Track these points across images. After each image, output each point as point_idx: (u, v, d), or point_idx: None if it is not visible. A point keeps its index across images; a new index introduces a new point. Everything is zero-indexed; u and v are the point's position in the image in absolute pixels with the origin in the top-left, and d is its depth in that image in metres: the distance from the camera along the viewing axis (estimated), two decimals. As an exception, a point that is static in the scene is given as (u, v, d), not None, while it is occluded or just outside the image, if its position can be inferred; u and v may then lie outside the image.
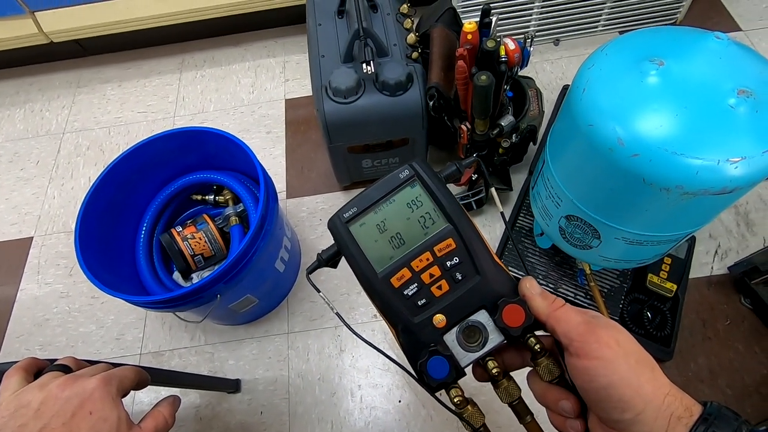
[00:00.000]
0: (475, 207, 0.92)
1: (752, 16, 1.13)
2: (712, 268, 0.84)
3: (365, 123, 0.79)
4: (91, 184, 0.73)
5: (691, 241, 0.82)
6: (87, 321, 0.92)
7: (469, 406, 0.31)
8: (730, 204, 0.52)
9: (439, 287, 0.31)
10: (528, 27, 1.11)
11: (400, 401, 0.79)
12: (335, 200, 1.01)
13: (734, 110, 0.44)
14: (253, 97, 1.18)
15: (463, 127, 0.79)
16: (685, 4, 1.09)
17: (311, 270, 0.35)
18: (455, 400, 0.30)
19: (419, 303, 0.31)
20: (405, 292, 0.31)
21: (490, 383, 0.31)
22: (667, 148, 0.44)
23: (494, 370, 0.30)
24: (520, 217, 0.90)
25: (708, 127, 0.44)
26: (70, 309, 0.94)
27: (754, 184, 0.46)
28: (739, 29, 1.12)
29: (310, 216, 0.99)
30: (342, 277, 0.90)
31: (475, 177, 0.90)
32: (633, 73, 0.48)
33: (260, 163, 0.71)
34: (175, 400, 0.41)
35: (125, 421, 0.34)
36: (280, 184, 1.04)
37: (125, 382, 0.37)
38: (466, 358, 0.30)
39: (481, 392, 0.48)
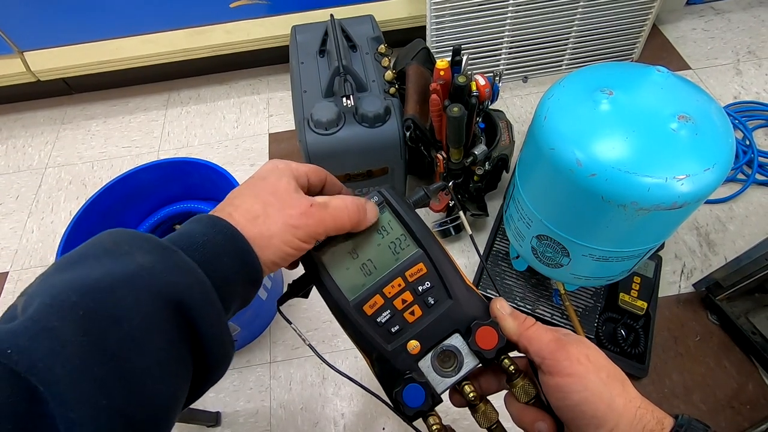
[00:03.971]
0: (453, 233, 0.95)
1: (699, 56, 1.24)
2: (679, 286, 0.88)
3: (346, 153, 0.82)
4: (72, 216, 0.74)
5: (658, 261, 0.86)
6: (61, 357, 0.89)
7: None
8: (683, 219, 0.56)
9: (412, 313, 0.30)
10: (498, 65, 1.19)
11: (384, 429, 0.78)
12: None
13: (676, 133, 0.49)
14: (237, 132, 1.22)
15: (439, 156, 0.83)
16: (639, 45, 1.19)
17: (282, 301, 0.34)
18: (433, 428, 0.29)
19: (392, 330, 0.30)
20: (378, 320, 0.30)
21: (468, 409, 0.31)
22: (620, 168, 0.49)
23: (471, 395, 0.30)
24: (496, 242, 0.93)
25: (655, 148, 0.49)
26: (43, 345, 0.91)
27: (701, 200, 0.50)
28: (688, 68, 1.23)
29: (292, 245, 1.01)
30: (324, 303, 0.90)
31: (452, 204, 0.94)
32: (587, 102, 0.53)
33: (244, 192, 0.73)
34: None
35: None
36: (263, 215, 1.05)
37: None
38: (442, 384, 0.30)
39: (458, 424, 0.49)
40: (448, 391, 0.31)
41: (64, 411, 0.18)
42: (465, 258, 0.96)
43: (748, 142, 1.04)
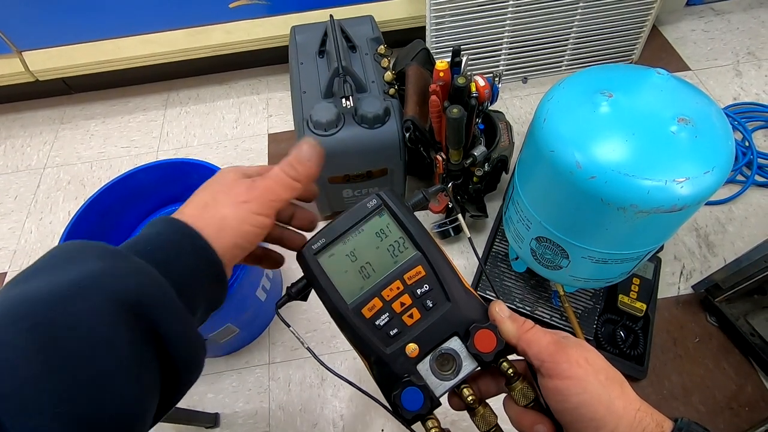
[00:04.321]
0: (453, 234, 0.95)
1: (699, 58, 1.24)
2: (678, 288, 0.88)
3: (345, 154, 0.82)
4: (71, 217, 0.74)
5: (657, 263, 0.86)
6: (60, 357, 0.89)
7: None
8: (683, 222, 0.56)
9: (411, 316, 0.31)
10: (497, 66, 1.19)
11: (382, 430, 0.78)
12: (316, 230, 1.02)
13: (676, 136, 0.49)
14: (236, 132, 1.21)
15: (438, 157, 0.83)
16: (638, 46, 1.19)
17: (280, 304, 0.34)
18: None
19: (391, 333, 0.30)
20: (377, 323, 0.30)
21: (466, 411, 0.31)
22: (620, 171, 0.49)
23: (470, 398, 0.30)
24: (496, 243, 0.93)
25: (655, 151, 0.49)
26: (42, 346, 0.91)
27: (700, 202, 0.50)
28: (688, 69, 1.23)
29: (292, 246, 1.00)
30: (323, 306, 0.90)
31: (451, 205, 0.93)
32: (587, 105, 0.53)
33: (243, 193, 0.73)
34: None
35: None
36: (262, 215, 1.05)
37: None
38: (440, 387, 0.30)
39: (457, 426, 0.49)
40: (446, 394, 0.30)
41: (18, 423, 0.18)
42: (464, 259, 0.96)
43: (747, 144, 1.04)
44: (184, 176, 0.82)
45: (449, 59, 0.76)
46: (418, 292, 0.31)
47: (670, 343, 0.82)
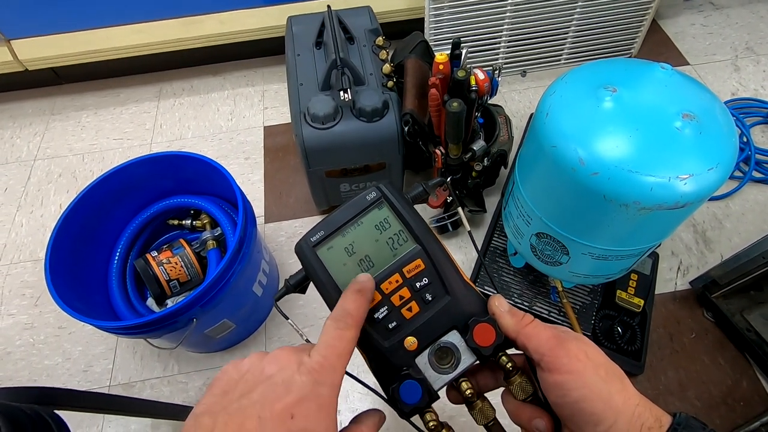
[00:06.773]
0: (451, 229, 0.95)
1: (698, 53, 1.24)
2: (675, 283, 0.89)
3: (343, 148, 0.81)
4: (63, 210, 0.72)
5: (655, 258, 0.86)
6: (53, 353, 0.88)
7: (444, 431, 0.30)
8: (685, 218, 0.56)
9: (410, 309, 0.31)
10: (497, 59, 1.18)
11: (380, 426, 0.78)
12: (313, 224, 1.01)
13: (680, 132, 0.48)
14: (231, 125, 1.19)
15: (437, 151, 0.82)
16: (638, 40, 1.18)
17: (279, 297, 0.34)
18: (430, 425, 0.29)
19: (390, 326, 0.30)
20: (375, 316, 0.30)
21: (465, 405, 0.31)
22: (623, 167, 0.48)
23: (468, 392, 0.30)
24: (494, 238, 0.93)
25: (658, 147, 0.48)
26: (34, 341, 0.90)
27: (703, 199, 0.50)
28: (687, 63, 1.22)
29: (288, 240, 1.00)
30: (321, 299, 0.90)
31: (450, 200, 0.93)
32: (590, 99, 0.52)
33: (238, 185, 0.72)
34: (381, 419, 0.30)
35: None
36: (258, 209, 1.04)
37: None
38: (439, 380, 0.30)
39: (455, 420, 0.48)
40: (445, 387, 0.31)
41: None
42: (462, 254, 0.95)
43: (745, 139, 1.04)
44: (178, 169, 0.80)
45: (448, 52, 0.74)
46: (417, 286, 0.31)
47: (666, 338, 0.83)
